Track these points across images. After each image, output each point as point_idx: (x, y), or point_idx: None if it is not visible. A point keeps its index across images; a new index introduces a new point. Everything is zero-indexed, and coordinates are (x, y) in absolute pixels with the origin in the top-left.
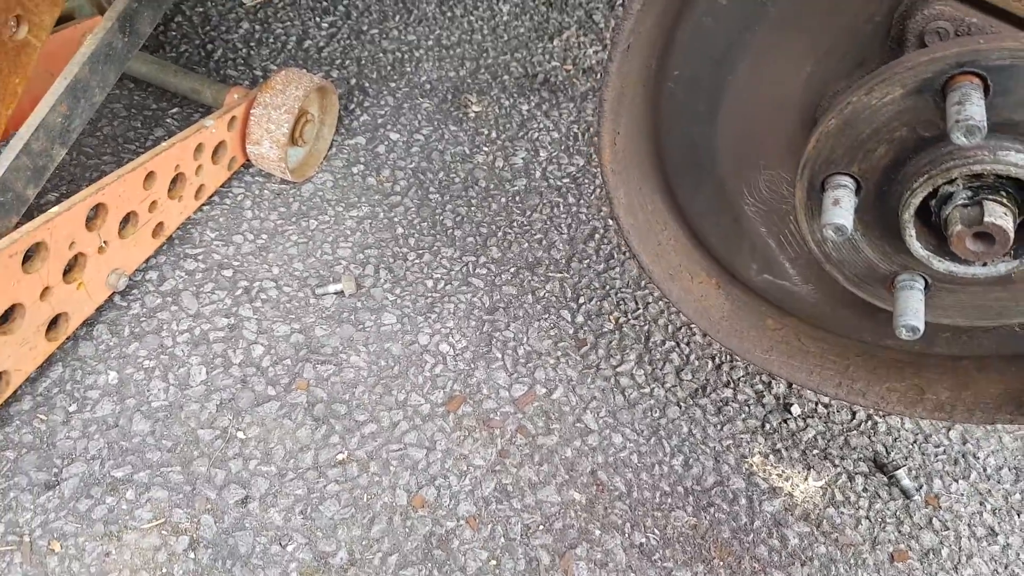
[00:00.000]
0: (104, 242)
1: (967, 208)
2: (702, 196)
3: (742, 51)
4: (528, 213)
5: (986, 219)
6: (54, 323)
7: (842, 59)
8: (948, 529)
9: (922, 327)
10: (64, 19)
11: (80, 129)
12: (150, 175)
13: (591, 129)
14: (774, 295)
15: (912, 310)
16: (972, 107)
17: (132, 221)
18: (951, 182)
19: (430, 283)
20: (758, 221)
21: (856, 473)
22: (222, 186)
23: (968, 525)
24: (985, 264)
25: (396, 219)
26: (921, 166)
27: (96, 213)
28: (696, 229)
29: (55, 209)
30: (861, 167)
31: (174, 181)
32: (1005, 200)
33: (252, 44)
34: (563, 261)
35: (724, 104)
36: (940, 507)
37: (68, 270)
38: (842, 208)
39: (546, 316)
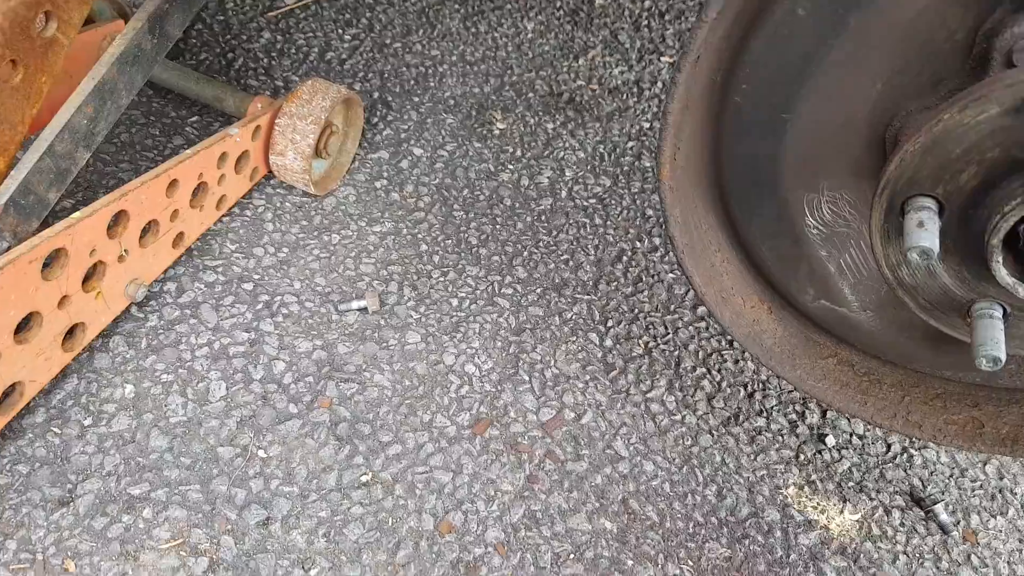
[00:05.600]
0: (124, 251)
1: None
2: (761, 216)
3: (815, 64)
4: (554, 233)
5: None
6: (70, 333)
7: (917, 77)
8: (987, 567)
9: (1004, 357)
10: (85, 22)
11: (104, 133)
12: (173, 183)
13: (617, 150)
14: (830, 322)
15: (993, 340)
16: None
17: (153, 230)
18: None
19: (455, 302)
20: (818, 245)
21: (893, 507)
22: (243, 197)
23: (1007, 562)
24: None
25: (420, 236)
26: (1014, 189)
27: (117, 220)
28: (751, 251)
29: (77, 215)
30: (946, 189)
31: (196, 190)
32: None
33: (273, 54)
34: (590, 283)
35: (791, 120)
36: (979, 543)
37: (87, 279)
38: (927, 231)
39: (574, 339)
